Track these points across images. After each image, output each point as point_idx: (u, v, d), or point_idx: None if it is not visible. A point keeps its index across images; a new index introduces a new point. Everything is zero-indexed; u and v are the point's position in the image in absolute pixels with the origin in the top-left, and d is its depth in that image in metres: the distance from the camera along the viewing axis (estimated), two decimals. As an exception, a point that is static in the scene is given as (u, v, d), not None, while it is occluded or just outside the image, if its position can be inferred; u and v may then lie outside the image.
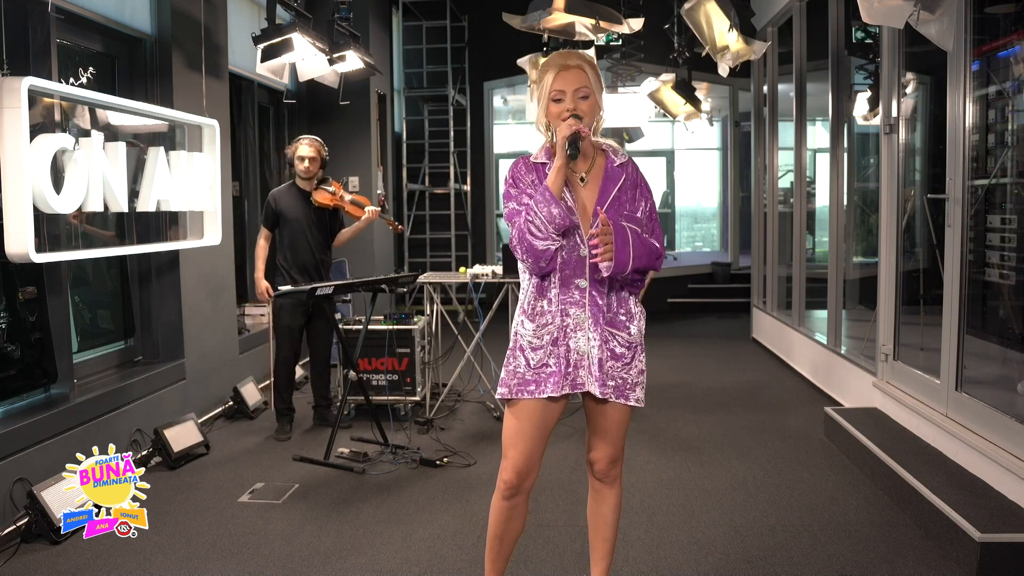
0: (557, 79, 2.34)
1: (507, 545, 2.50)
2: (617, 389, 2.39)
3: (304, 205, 4.84)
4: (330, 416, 4.93)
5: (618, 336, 2.38)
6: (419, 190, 10.04)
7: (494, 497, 2.47)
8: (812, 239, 8.21)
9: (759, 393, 5.87)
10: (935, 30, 3.29)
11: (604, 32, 5.01)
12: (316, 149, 4.85)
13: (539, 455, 2.42)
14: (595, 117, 2.38)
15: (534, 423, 2.38)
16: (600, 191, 2.39)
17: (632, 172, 2.44)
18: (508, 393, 2.39)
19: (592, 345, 2.35)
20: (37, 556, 3.21)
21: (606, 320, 2.37)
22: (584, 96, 2.34)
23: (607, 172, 2.41)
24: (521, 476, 2.40)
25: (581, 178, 2.41)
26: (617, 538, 2.62)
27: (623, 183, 2.40)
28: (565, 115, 2.32)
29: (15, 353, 3.74)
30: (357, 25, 5.70)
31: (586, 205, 2.38)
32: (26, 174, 3.28)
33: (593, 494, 2.57)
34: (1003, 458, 3.27)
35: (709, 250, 13.72)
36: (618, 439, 2.48)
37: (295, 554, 3.23)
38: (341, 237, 5.05)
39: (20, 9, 3.60)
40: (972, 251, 4.01)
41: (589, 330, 2.35)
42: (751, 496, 3.79)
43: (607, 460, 2.49)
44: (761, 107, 8.08)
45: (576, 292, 2.36)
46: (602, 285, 2.36)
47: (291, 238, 4.83)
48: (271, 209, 4.84)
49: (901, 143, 4.59)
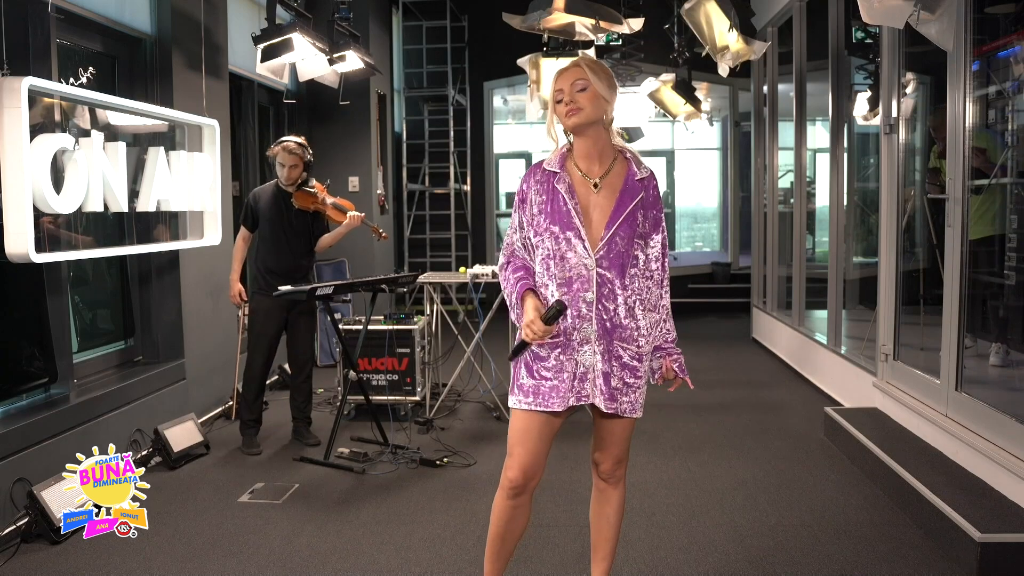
0: (557, 82, 2.37)
1: (509, 545, 2.48)
2: (631, 406, 2.40)
3: (284, 207, 4.58)
4: (309, 435, 4.65)
5: (628, 350, 2.36)
6: (419, 190, 10.03)
7: (497, 495, 2.45)
8: (812, 239, 8.21)
9: (759, 393, 5.86)
10: (935, 30, 3.29)
11: (604, 32, 5.01)
12: (298, 156, 4.52)
13: (545, 455, 2.42)
14: (600, 107, 2.34)
15: (540, 424, 2.37)
16: (616, 204, 2.33)
17: (653, 191, 2.39)
18: (518, 404, 2.39)
19: (597, 359, 2.33)
20: (37, 556, 3.21)
21: (614, 334, 2.34)
22: (581, 88, 2.32)
23: (627, 184, 2.36)
24: (528, 475, 2.38)
25: (595, 184, 2.35)
26: (619, 539, 2.62)
27: (641, 200, 2.35)
28: (567, 112, 2.32)
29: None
30: (357, 25, 5.69)
31: (595, 215, 2.33)
32: (26, 174, 3.28)
33: (597, 494, 2.57)
34: (1003, 458, 3.27)
35: (709, 250, 13.71)
36: (623, 443, 2.49)
37: (295, 554, 3.23)
38: (322, 243, 4.72)
39: (20, 9, 3.60)
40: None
41: (595, 344, 2.33)
42: (751, 496, 3.79)
43: (612, 461, 2.50)
44: (761, 107, 8.08)
45: (583, 305, 2.32)
46: (609, 299, 2.33)
47: (269, 240, 4.57)
48: (250, 208, 4.59)
49: (901, 143, 4.59)
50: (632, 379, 2.38)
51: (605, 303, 2.33)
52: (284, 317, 4.60)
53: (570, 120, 2.32)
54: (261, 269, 4.60)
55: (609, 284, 2.32)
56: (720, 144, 13.46)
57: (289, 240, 4.59)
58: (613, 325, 2.34)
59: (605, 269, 2.32)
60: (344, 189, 7.66)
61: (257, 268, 4.65)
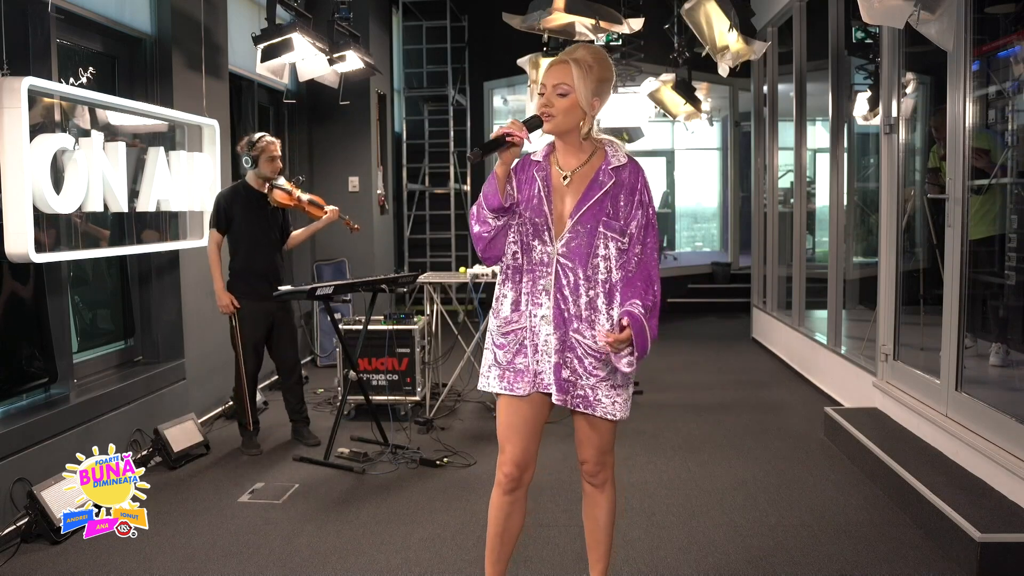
0: (546, 74, 2.33)
1: (508, 544, 2.48)
2: (584, 401, 2.35)
3: (260, 207, 4.48)
4: (309, 435, 4.66)
5: (584, 343, 2.34)
6: (419, 190, 10.04)
7: (494, 493, 2.45)
8: (812, 239, 8.21)
9: (759, 393, 5.86)
10: (935, 30, 3.29)
11: (604, 32, 5.01)
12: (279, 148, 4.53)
13: (535, 447, 2.43)
14: (574, 117, 2.30)
15: (525, 416, 2.39)
16: (583, 194, 2.32)
17: (630, 177, 2.33)
18: (480, 385, 2.45)
19: (552, 348, 2.32)
20: (37, 556, 3.21)
21: (570, 325, 2.33)
22: (562, 94, 2.28)
23: (597, 175, 2.33)
24: (521, 468, 2.40)
25: (565, 176, 2.35)
26: (614, 538, 2.61)
27: (611, 188, 2.31)
28: (541, 111, 2.30)
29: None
30: (357, 25, 5.69)
31: (562, 206, 2.34)
32: (26, 174, 3.28)
33: (585, 498, 2.55)
34: (1003, 458, 3.27)
35: (709, 250, 13.71)
36: (601, 443, 2.44)
37: (295, 554, 3.23)
38: (294, 239, 4.70)
39: (20, 9, 3.60)
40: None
41: (551, 333, 2.33)
42: (751, 496, 3.79)
43: (593, 462, 2.47)
44: (761, 107, 8.08)
45: (543, 293, 2.33)
46: (569, 290, 2.33)
47: (249, 243, 4.46)
48: (223, 211, 4.41)
49: (901, 143, 4.59)
50: (587, 374, 2.34)
51: (564, 293, 2.33)
52: (271, 319, 4.56)
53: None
54: (242, 272, 4.48)
55: (570, 274, 2.32)
56: (720, 144, 13.46)
57: (269, 240, 4.54)
58: (570, 316, 2.33)
59: (567, 259, 2.32)
60: (344, 189, 7.66)
61: (237, 272, 4.50)
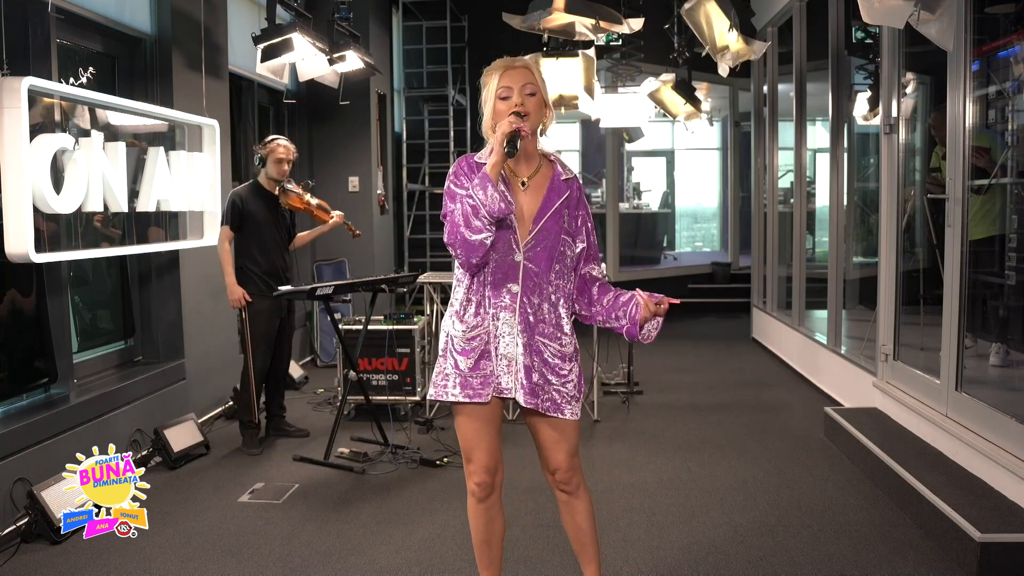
0: (503, 77, 2.33)
1: (495, 548, 2.50)
2: (553, 404, 2.36)
3: (272, 208, 4.65)
4: (288, 427, 4.80)
5: (550, 346, 2.36)
6: (419, 190, 10.03)
7: (469, 504, 2.48)
8: (812, 239, 8.21)
9: (759, 393, 5.86)
10: (935, 30, 3.29)
11: (604, 32, 5.01)
12: (293, 152, 4.68)
13: (500, 448, 2.45)
14: (541, 117, 2.36)
15: (487, 420, 2.39)
16: (543, 200, 2.36)
17: (576, 191, 2.42)
18: (436, 395, 2.39)
19: (519, 351, 2.33)
20: (37, 556, 3.21)
21: (536, 329, 2.34)
22: (531, 93, 2.33)
23: (553, 182, 2.39)
24: (492, 473, 2.42)
25: (522, 182, 2.38)
26: (599, 537, 2.55)
27: (567, 198, 2.38)
28: (511, 112, 2.29)
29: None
30: (357, 25, 5.69)
31: (524, 211, 2.35)
32: (26, 174, 3.28)
33: (562, 506, 2.52)
34: (1003, 458, 3.27)
35: (709, 250, 13.72)
36: (569, 445, 2.43)
37: (295, 554, 3.23)
38: (299, 240, 4.88)
39: (20, 9, 3.60)
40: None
41: (517, 336, 2.33)
42: (751, 496, 3.79)
43: (565, 467, 2.43)
44: (761, 107, 8.08)
45: (507, 297, 2.33)
46: (534, 292, 2.34)
47: (261, 242, 4.60)
48: (238, 209, 4.55)
49: (901, 143, 4.59)
50: (555, 377, 2.35)
51: (530, 296, 2.34)
52: (281, 316, 4.69)
53: (510, 128, 2.24)
54: (255, 270, 4.59)
55: (535, 277, 2.34)
56: (720, 144, 13.47)
57: (279, 241, 4.70)
58: (536, 320, 2.35)
59: (532, 263, 2.34)
60: (344, 189, 7.66)
61: (250, 269, 4.59)
